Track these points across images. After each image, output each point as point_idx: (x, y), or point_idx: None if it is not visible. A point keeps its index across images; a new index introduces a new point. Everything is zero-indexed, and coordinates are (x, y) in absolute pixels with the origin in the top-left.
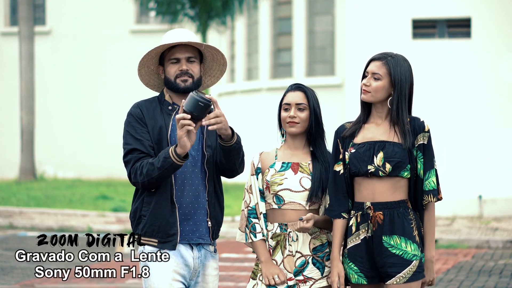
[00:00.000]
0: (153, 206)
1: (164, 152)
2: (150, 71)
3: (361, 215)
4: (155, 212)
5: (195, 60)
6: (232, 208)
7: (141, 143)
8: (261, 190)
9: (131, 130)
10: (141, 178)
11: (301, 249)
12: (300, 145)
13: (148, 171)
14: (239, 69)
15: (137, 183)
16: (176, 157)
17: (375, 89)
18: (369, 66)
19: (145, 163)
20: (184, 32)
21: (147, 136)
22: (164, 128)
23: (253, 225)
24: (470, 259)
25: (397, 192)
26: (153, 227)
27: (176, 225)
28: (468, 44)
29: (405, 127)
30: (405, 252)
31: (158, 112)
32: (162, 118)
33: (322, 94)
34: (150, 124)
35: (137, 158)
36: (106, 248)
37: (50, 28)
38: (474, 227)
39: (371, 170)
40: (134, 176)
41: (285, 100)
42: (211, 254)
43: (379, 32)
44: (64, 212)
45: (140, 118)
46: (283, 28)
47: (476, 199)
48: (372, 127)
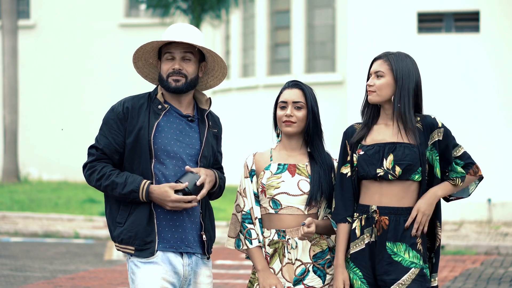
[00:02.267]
0: (130, 212)
1: (135, 183)
2: (149, 64)
3: (366, 219)
4: (132, 219)
5: (191, 59)
6: (226, 212)
7: (109, 146)
8: (256, 193)
9: (105, 128)
10: (96, 184)
11: (301, 256)
12: (296, 146)
13: (108, 187)
14: (234, 65)
15: (89, 182)
16: (145, 199)
17: (379, 87)
18: (372, 66)
19: (107, 174)
20: (186, 29)
21: (119, 140)
22: (144, 129)
23: (249, 231)
24: (478, 266)
25: (406, 198)
26: (130, 234)
27: (154, 233)
28: (477, 38)
29: (411, 125)
30: (403, 259)
31: (143, 111)
32: (146, 118)
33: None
34: (130, 124)
35: (99, 157)
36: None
37: (34, 22)
38: (483, 232)
39: (380, 173)
40: (89, 174)
41: (281, 98)
42: (204, 261)
43: (383, 26)
44: (50, 217)
45: (120, 118)
46: (280, 22)
47: (485, 202)
48: (382, 128)
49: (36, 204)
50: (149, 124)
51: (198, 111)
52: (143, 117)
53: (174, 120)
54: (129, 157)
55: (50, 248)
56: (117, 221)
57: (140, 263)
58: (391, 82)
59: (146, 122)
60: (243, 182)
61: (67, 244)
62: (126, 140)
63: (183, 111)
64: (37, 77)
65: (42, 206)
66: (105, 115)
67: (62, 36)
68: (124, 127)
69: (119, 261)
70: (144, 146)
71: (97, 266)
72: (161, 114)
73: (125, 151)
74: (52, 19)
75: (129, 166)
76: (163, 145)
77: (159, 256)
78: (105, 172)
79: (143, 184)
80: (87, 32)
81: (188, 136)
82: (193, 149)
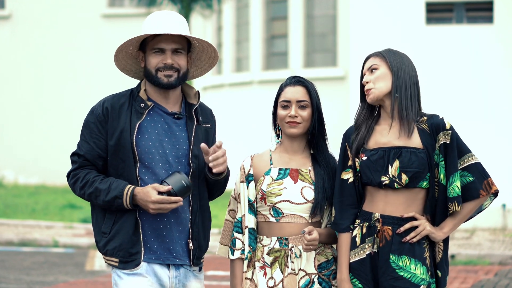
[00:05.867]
0: (115, 221)
1: (118, 188)
2: (128, 56)
3: (367, 227)
4: (116, 229)
5: (182, 52)
6: (219, 219)
7: (91, 151)
8: (250, 200)
9: (86, 132)
10: (80, 193)
11: (305, 266)
12: (299, 148)
13: (92, 195)
14: (227, 59)
15: (74, 191)
16: (129, 205)
17: (375, 79)
18: (364, 67)
19: (90, 181)
20: (172, 17)
21: (101, 144)
22: (126, 131)
23: (234, 240)
24: (492, 277)
25: (412, 207)
26: (115, 244)
27: (140, 243)
28: (490, 30)
29: (409, 117)
30: (413, 275)
31: (124, 111)
32: (128, 118)
33: (323, 87)
34: (111, 127)
35: (82, 164)
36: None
37: (10, 12)
38: (497, 241)
39: (385, 181)
40: (72, 183)
41: (283, 96)
42: (193, 273)
43: (388, 16)
44: (26, 223)
45: (100, 120)
46: (277, 12)
47: (499, 208)
48: (385, 130)
49: (12, 210)
50: (130, 125)
51: (187, 107)
52: (125, 117)
53: (159, 119)
54: (113, 162)
55: (27, 257)
56: (102, 231)
57: (124, 274)
58: (387, 72)
59: (127, 123)
60: (238, 186)
61: (45, 253)
62: (108, 144)
63: (169, 108)
64: (13, 72)
65: (18, 212)
66: (85, 118)
67: (40, 28)
68: (105, 129)
69: (102, 272)
70: (127, 149)
71: (78, 277)
72: (144, 114)
73: (108, 156)
74: (29, 9)
75: (114, 172)
76: (147, 148)
77: (143, 267)
78: (88, 179)
79: (127, 189)
80: (67, 23)
81: (175, 136)
82: (181, 149)
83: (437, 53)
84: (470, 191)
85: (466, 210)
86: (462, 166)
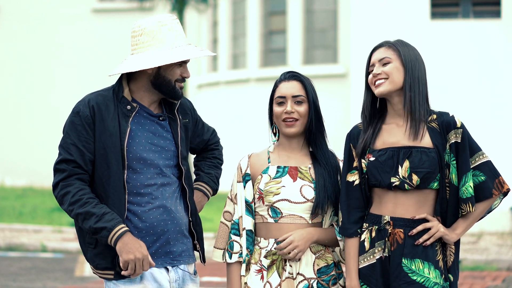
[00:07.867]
0: None
1: (112, 222)
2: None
3: (377, 230)
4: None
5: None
6: (214, 222)
7: (82, 155)
8: (248, 201)
9: (73, 135)
10: (68, 208)
11: (304, 270)
12: (297, 146)
13: (79, 216)
14: (223, 56)
15: (61, 204)
16: (113, 242)
17: (388, 72)
18: (373, 56)
19: (83, 201)
20: (179, 33)
21: (91, 147)
22: (115, 136)
23: (231, 243)
24: (500, 284)
25: (423, 208)
26: (107, 259)
27: None
28: (498, 25)
29: (420, 116)
30: (427, 279)
31: (111, 113)
32: (116, 121)
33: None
34: (98, 129)
35: (72, 172)
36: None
37: None
38: (505, 245)
39: (395, 183)
40: (62, 195)
41: (278, 92)
42: (191, 277)
43: (391, 11)
44: (13, 227)
45: (88, 122)
46: (275, 6)
47: (507, 211)
48: (394, 129)
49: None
50: (120, 130)
51: (167, 106)
52: (112, 120)
53: (145, 122)
54: (98, 166)
55: (14, 263)
56: (87, 241)
57: (120, 283)
58: (400, 68)
59: (116, 127)
60: (235, 187)
61: (33, 259)
62: (95, 147)
63: (153, 109)
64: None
65: (4, 215)
66: (68, 120)
67: (28, 22)
68: (93, 132)
69: (92, 278)
70: (116, 155)
71: (67, 283)
72: (130, 116)
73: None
74: (17, 3)
75: (98, 177)
76: (138, 153)
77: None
78: (82, 198)
79: (120, 227)
80: (56, 17)
81: (162, 138)
82: (169, 151)
83: (442, 49)
84: (482, 190)
85: (479, 211)
86: (474, 165)
